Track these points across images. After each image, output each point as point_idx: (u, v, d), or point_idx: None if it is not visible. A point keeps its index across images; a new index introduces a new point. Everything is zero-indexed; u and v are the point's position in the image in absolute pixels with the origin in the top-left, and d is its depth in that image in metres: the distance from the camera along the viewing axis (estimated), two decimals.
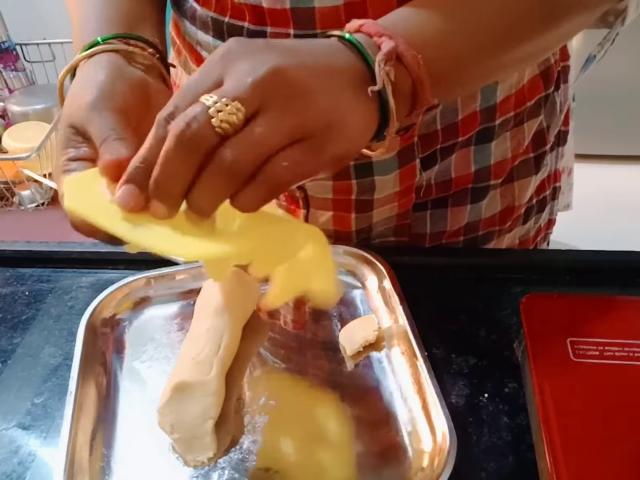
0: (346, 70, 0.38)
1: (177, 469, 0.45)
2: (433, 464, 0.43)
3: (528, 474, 0.44)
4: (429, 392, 0.47)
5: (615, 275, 0.60)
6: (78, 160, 0.43)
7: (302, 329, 0.56)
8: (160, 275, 0.59)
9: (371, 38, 0.39)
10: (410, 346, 0.50)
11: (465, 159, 0.61)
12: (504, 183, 0.64)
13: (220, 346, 0.50)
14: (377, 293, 0.57)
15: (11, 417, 0.50)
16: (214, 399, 0.47)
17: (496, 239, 0.67)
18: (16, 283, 0.64)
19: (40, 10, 2.23)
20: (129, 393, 0.51)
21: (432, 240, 0.65)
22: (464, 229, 0.65)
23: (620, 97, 2.20)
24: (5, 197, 1.43)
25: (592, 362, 0.47)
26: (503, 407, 0.49)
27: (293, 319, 0.56)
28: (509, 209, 0.66)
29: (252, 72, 0.34)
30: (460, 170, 0.61)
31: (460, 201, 0.63)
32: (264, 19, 0.52)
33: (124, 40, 0.48)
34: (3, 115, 1.58)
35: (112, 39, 0.47)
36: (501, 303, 0.58)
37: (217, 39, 0.55)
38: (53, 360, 0.55)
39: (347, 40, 0.39)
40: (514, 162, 0.63)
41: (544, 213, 0.72)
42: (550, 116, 0.65)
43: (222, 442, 0.46)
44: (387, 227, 0.64)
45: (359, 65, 0.38)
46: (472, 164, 0.61)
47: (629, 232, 1.90)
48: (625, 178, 2.27)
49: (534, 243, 0.73)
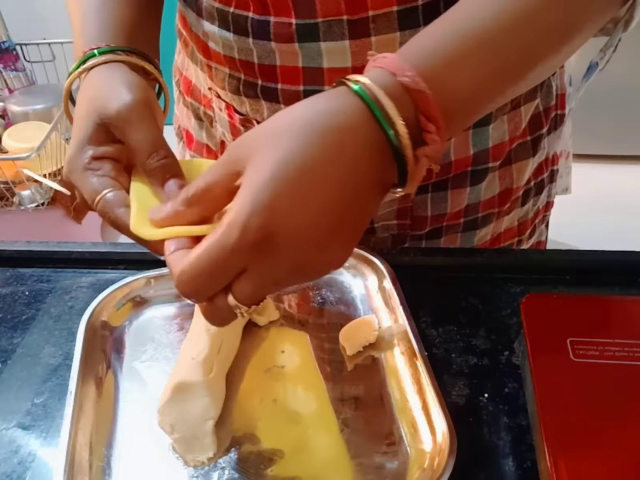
0: (363, 160, 0.36)
1: (177, 469, 0.45)
2: (433, 464, 0.43)
3: (528, 474, 0.44)
4: (429, 392, 0.47)
5: (615, 275, 0.60)
6: (102, 159, 0.44)
7: (302, 328, 0.56)
8: (160, 275, 0.59)
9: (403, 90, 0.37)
10: (410, 346, 0.50)
11: (464, 142, 0.61)
12: (502, 165, 0.65)
13: (220, 346, 0.50)
14: (377, 293, 0.57)
15: (11, 417, 0.50)
16: (214, 399, 0.47)
17: (495, 220, 0.68)
18: (16, 283, 0.64)
19: (40, 10, 2.23)
20: (129, 393, 0.51)
21: (433, 223, 0.66)
22: (464, 211, 0.66)
23: (619, 97, 2.20)
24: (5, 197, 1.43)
25: (592, 362, 0.47)
26: (503, 407, 0.49)
27: (292, 320, 0.56)
28: (508, 190, 0.66)
29: (275, 271, 0.36)
30: (460, 153, 0.61)
31: (459, 183, 0.64)
32: (268, 8, 0.52)
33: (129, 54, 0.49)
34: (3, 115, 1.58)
35: (119, 51, 0.48)
36: (501, 303, 0.58)
37: (222, 29, 0.56)
38: (53, 360, 0.55)
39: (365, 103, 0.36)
40: (512, 144, 0.64)
41: (542, 195, 0.72)
42: (547, 99, 0.65)
43: (222, 442, 0.46)
44: (390, 210, 0.65)
45: (378, 137, 0.36)
46: (470, 146, 0.61)
47: (629, 232, 1.90)
48: (625, 178, 2.27)
49: (533, 225, 0.73)
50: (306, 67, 0.55)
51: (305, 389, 0.50)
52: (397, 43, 0.52)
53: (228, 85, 0.60)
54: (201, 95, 0.68)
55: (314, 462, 0.45)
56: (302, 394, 0.50)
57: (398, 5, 0.50)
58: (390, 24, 0.51)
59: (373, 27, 0.51)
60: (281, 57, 0.55)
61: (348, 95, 0.37)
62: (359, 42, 0.52)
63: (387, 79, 0.37)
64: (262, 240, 0.34)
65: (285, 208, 0.34)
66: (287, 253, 0.35)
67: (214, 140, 0.70)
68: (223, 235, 0.35)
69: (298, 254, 0.36)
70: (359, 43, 0.52)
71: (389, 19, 0.51)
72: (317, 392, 0.50)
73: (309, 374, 0.51)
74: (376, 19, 0.51)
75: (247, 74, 0.58)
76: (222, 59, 0.58)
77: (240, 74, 0.58)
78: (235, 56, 0.57)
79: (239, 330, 0.54)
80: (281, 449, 0.46)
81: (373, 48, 0.52)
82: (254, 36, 0.54)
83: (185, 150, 0.75)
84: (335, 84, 0.38)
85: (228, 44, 0.56)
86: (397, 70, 0.36)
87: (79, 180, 0.44)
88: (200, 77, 0.67)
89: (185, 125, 0.74)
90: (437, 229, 0.66)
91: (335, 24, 0.52)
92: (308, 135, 0.35)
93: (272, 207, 0.34)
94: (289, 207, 0.35)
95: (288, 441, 0.46)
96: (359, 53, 0.53)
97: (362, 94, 0.36)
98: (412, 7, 0.51)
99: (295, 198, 0.35)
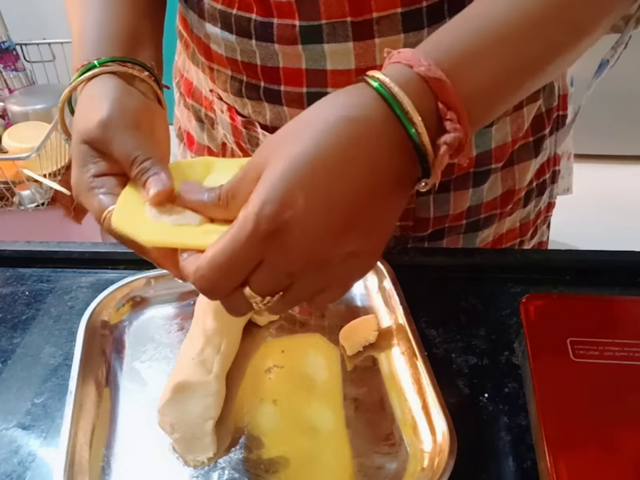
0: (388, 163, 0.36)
1: (177, 469, 0.45)
2: (433, 464, 0.43)
3: (528, 474, 0.44)
4: (429, 392, 0.47)
5: (615, 275, 0.60)
6: (102, 176, 0.44)
7: (303, 329, 0.56)
8: (160, 275, 0.59)
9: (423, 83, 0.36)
10: (410, 346, 0.50)
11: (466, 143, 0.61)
12: (505, 167, 0.65)
13: (220, 346, 0.50)
14: (377, 293, 0.57)
15: (11, 417, 0.50)
16: (214, 399, 0.47)
17: (497, 221, 0.68)
18: (16, 283, 0.64)
19: (40, 10, 2.23)
20: (129, 393, 0.51)
21: (436, 224, 0.66)
22: (466, 212, 0.66)
23: (619, 97, 2.19)
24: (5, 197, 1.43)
25: (592, 362, 0.47)
26: (503, 407, 0.49)
27: (293, 320, 0.56)
28: (510, 192, 0.66)
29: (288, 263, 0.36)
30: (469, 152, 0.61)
31: (462, 185, 0.63)
32: (271, 10, 0.52)
33: (121, 63, 0.48)
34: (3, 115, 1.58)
35: (110, 62, 0.48)
36: (501, 303, 0.58)
37: (225, 31, 0.55)
38: (53, 360, 0.55)
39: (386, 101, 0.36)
40: (514, 146, 0.64)
41: (544, 196, 0.72)
42: (549, 100, 0.65)
43: (222, 442, 0.46)
44: None
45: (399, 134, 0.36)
46: (473, 148, 0.61)
47: (629, 232, 1.90)
48: (625, 178, 2.27)
49: (535, 225, 0.73)
50: (309, 69, 0.55)
51: (325, 405, 0.49)
52: (401, 45, 0.52)
53: (230, 87, 0.60)
54: (202, 97, 0.68)
55: (314, 461, 0.45)
56: (321, 409, 0.49)
57: (402, 7, 0.50)
58: (394, 25, 0.51)
59: (377, 28, 0.51)
60: (284, 59, 0.55)
61: (367, 92, 0.36)
62: (363, 44, 0.52)
63: (404, 72, 0.36)
64: (275, 231, 0.34)
65: (298, 199, 0.34)
66: (300, 245, 0.35)
67: (215, 142, 0.70)
68: (238, 229, 0.35)
69: (310, 247, 0.36)
70: (362, 45, 0.52)
71: (393, 21, 0.51)
72: (335, 412, 0.48)
73: (332, 392, 0.50)
74: (380, 20, 0.51)
75: (250, 76, 0.58)
76: (224, 61, 0.58)
77: (243, 76, 0.58)
78: (238, 58, 0.57)
79: (239, 330, 0.54)
80: (286, 458, 0.46)
81: (377, 50, 0.52)
82: (257, 38, 0.54)
83: (187, 152, 0.75)
84: (355, 81, 0.38)
85: (230, 46, 0.56)
86: (413, 62, 0.36)
87: (85, 200, 0.44)
88: (201, 78, 0.66)
89: (186, 126, 0.74)
90: (440, 230, 0.66)
91: (339, 26, 0.52)
92: (325, 131, 0.35)
93: (284, 197, 0.34)
94: (301, 198, 0.34)
95: (295, 451, 0.46)
96: (363, 55, 0.53)
97: (381, 90, 0.36)
98: (416, 9, 0.51)
99: (307, 190, 0.35)
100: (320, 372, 0.51)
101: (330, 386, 0.50)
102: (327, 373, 0.51)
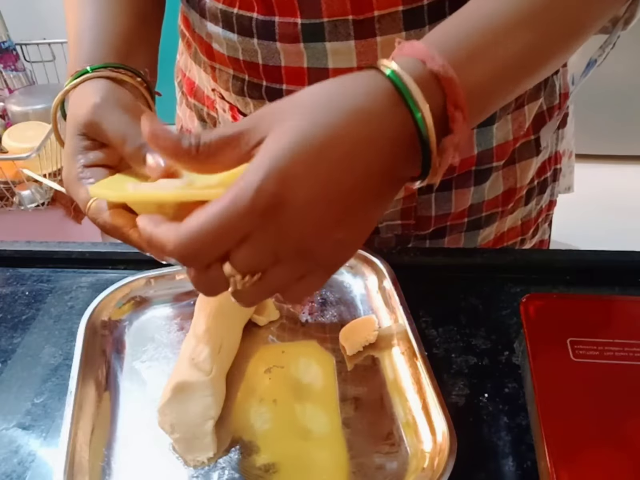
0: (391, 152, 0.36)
1: (177, 469, 0.45)
2: (433, 464, 0.43)
3: (528, 474, 0.44)
4: (429, 392, 0.47)
5: (615, 275, 0.60)
6: (92, 167, 0.44)
7: (303, 328, 0.56)
8: (160, 275, 0.59)
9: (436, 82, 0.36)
10: (410, 346, 0.50)
11: (468, 141, 0.61)
12: (506, 165, 0.65)
13: (220, 346, 0.50)
14: (377, 293, 0.57)
15: (11, 417, 0.50)
16: (214, 399, 0.47)
17: (499, 220, 0.68)
18: (16, 283, 0.64)
19: (40, 10, 2.24)
20: (129, 393, 0.51)
21: (437, 223, 0.66)
22: (468, 210, 0.66)
23: (619, 97, 2.20)
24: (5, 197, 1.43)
25: (592, 362, 0.47)
26: (503, 407, 0.49)
27: (293, 319, 0.56)
28: (511, 190, 0.66)
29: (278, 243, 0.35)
30: (464, 153, 0.61)
31: (463, 183, 0.64)
32: (272, 8, 0.52)
33: (114, 69, 0.48)
34: (3, 115, 1.58)
35: (102, 68, 0.48)
36: (501, 303, 0.58)
37: (227, 30, 0.56)
38: (53, 360, 0.55)
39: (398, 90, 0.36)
40: (516, 144, 0.64)
41: (545, 194, 0.72)
42: (550, 98, 0.65)
43: (222, 442, 0.46)
44: (394, 210, 0.65)
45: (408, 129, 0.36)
46: (474, 146, 0.62)
47: (629, 232, 1.90)
48: (625, 178, 2.27)
49: (536, 224, 0.73)
50: (311, 67, 0.55)
51: (321, 407, 0.49)
52: None
53: (232, 86, 0.60)
54: (204, 97, 0.68)
55: (313, 461, 0.45)
56: (317, 415, 0.48)
57: (403, 5, 0.51)
58: (395, 24, 0.51)
59: (378, 27, 0.52)
60: (286, 58, 0.55)
61: (378, 79, 0.36)
62: (365, 42, 0.52)
63: (417, 66, 0.36)
64: (273, 206, 0.33)
65: (301, 179, 0.34)
66: (294, 226, 0.34)
67: None
68: (235, 197, 0.33)
69: (303, 231, 0.35)
70: (364, 43, 0.52)
71: (394, 19, 0.51)
72: (332, 418, 0.48)
73: (328, 398, 0.49)
74: (382, 19, 0.51)
75: (252, 75, 0.58)
76: (226, 60, 0.58)
77: (245, 75, 0.58)
78: (240, 57, 0.57)
79: (239, 330, 0.54)
80: (281, 449, 0.46)
81: (378, 48, 0.53)
82: (259, 37, 0.54)
83: None
84: (364, 68, 0.38)
85: (232, 45, 0.56)
86: (426, 58, 0.36)
87: (73, 190, 0.44)
88: (203, 78, 0.66)
89: (188, 126, 0.74)
90: (441, 228, 0.66)
91: (340, 24, 0.52)
92: (335, 111, 0.35)
93: (288, 174, 0.33)
94: (305, 178, 0.34)
95: (288, 441, 0.46)
96: (365, 53, 0.53)
97: (394, 79, 0.35)
98: (417, 7, 0.51)
99: (312, 171, 0.34)
100: (315, 378, 0.51)
101: (326, 390, 0.50)
102: (322, 379, 0.51)
